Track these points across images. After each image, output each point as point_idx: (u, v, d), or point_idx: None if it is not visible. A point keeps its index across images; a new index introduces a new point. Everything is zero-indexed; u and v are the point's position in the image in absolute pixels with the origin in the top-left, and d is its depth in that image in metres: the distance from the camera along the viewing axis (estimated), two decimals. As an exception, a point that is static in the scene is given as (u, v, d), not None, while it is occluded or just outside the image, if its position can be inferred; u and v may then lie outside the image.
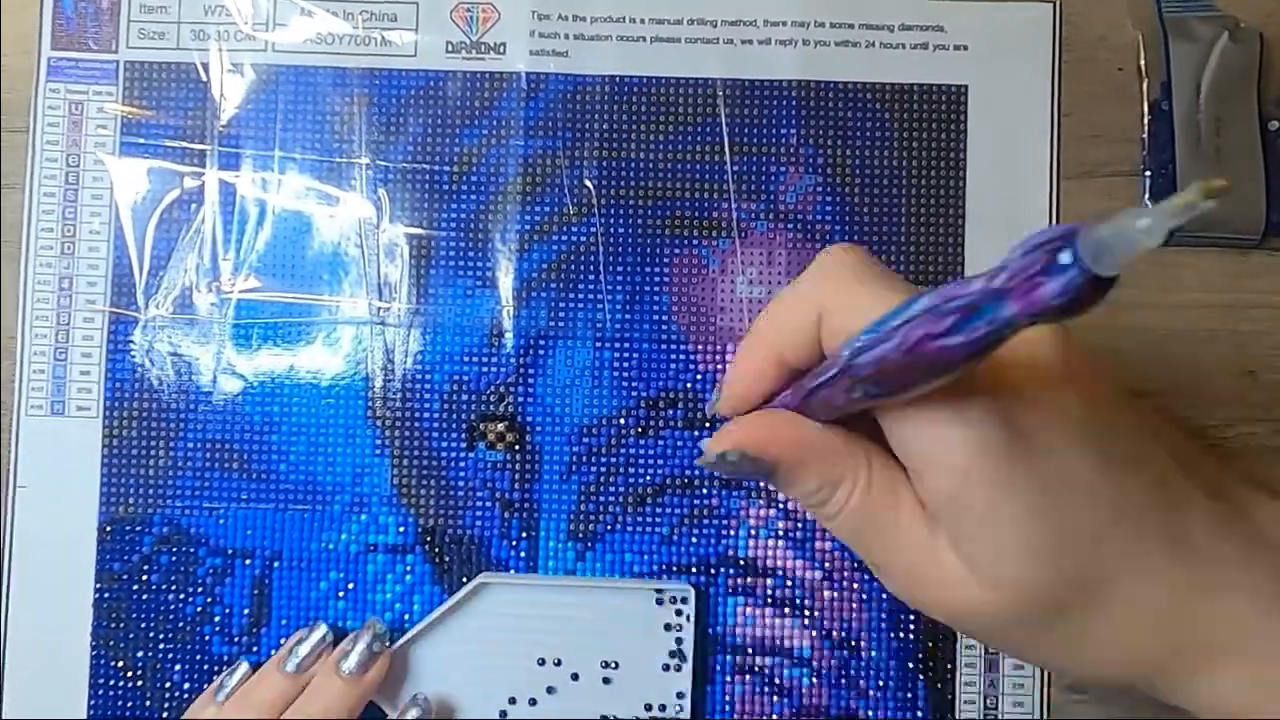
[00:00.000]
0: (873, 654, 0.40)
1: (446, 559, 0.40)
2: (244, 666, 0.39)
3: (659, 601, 0.40)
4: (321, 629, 0.39)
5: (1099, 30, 0.41)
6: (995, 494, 0.23)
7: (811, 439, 0.25)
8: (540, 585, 0.40)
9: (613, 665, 0.40)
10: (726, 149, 0.41)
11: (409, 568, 0.40)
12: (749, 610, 0.40)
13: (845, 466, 0.25)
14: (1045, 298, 0.18)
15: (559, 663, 0.40)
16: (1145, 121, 0.41)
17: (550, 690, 0.40)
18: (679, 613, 0.40)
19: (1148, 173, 0.41)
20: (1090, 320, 0.19)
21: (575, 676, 0.40)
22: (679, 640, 0.40)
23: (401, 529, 0.41)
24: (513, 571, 0.40)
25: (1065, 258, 0.18)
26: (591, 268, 0.41)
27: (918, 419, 0.23)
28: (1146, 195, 0.41)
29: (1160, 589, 0.24)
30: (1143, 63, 0.41)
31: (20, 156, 0.41)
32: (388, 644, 0.39)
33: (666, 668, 0.40)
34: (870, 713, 0.40)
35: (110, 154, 0.41)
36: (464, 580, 0.40)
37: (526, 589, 0.40)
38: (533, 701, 0.40)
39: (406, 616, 0.40)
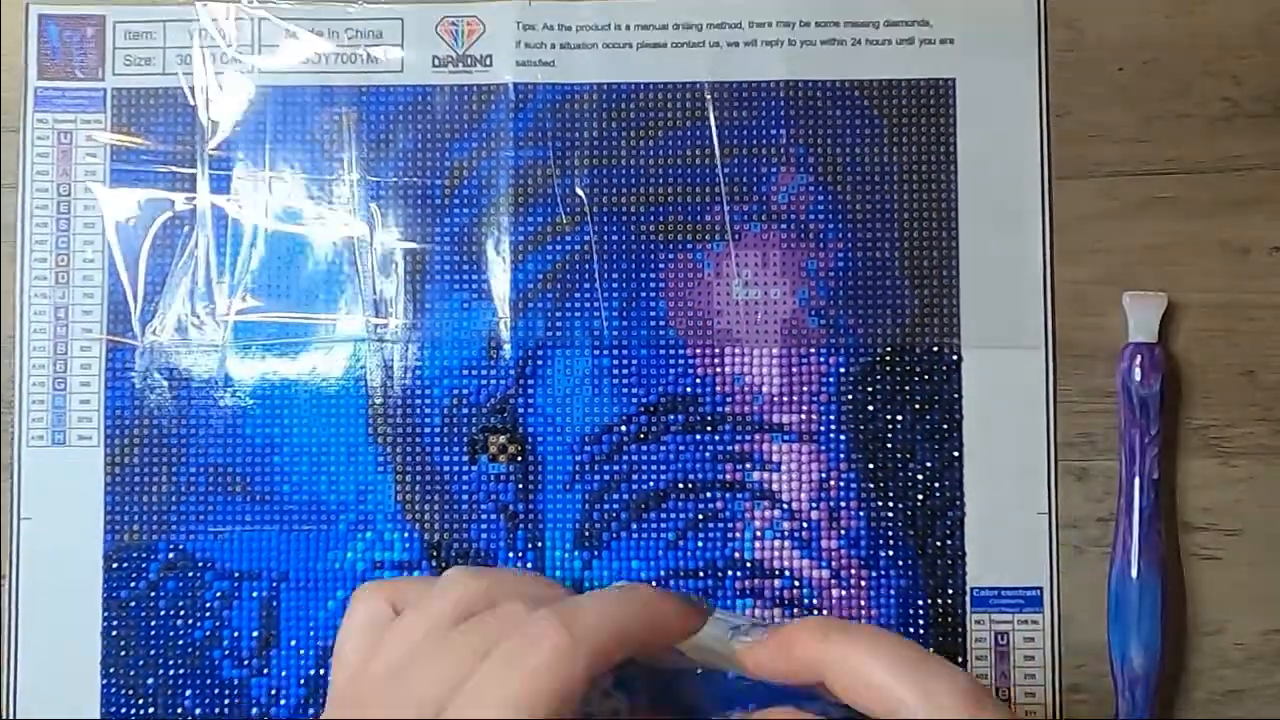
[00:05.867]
0: (884, 651, 0.40)
1: (453, 573, 0.40)
2: None
3: None
4: None
5: (1099, 29, 0.41)
6: None
7: None
8: None
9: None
10: (717, 152, 0.41)
11: (416, 583, 0.40)
12: (758, 611, 0.40)
13: None
14: None
15: None
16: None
17: None
18: None
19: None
20: (1091, 320, 0.19)
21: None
22: None
23: (407, 545, 0.40)
24: None
25: None
26: (587, 276, 0.41)
27: None
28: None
29: None
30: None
31: (11, 186, 0.41)
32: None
33: None
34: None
35: (100, 182, 0.41)
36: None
37: None
38: None
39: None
